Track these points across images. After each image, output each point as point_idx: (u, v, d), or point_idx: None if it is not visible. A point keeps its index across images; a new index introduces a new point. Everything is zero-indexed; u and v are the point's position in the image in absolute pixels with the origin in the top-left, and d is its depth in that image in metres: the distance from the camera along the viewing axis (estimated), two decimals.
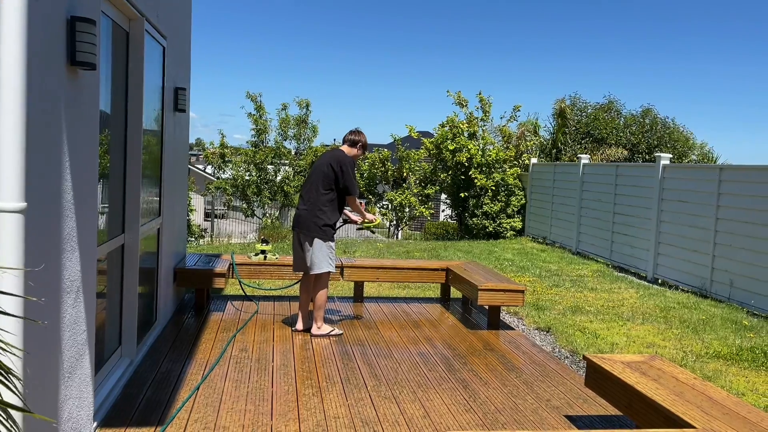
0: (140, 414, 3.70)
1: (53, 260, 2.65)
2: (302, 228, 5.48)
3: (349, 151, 5.66)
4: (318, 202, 5.44)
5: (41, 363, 2.54)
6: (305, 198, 5.55)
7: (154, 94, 4.99)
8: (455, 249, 12.47)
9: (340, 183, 5.45)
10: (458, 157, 15.73)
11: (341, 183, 5.45)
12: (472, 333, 5.88)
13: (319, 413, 3.82)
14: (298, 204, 5.67)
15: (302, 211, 5.51)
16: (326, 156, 5.67)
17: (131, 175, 4.36)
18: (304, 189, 5.63)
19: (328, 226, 5.47)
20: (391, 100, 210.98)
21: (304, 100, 20.13)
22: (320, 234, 5.42)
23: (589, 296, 8.19)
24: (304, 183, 5.73)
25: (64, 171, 2.74)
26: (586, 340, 5.99)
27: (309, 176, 5.64)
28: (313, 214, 5.43)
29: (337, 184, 5.46)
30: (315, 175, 5.54)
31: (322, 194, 5.44)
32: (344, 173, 5.44)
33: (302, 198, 5.61)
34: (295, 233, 5.60)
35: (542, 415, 4.00)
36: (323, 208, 5.44)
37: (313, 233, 5.42)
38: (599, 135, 19.78)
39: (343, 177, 5.44)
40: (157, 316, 5.40)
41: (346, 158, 5.54)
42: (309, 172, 5.74)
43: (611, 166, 12.19)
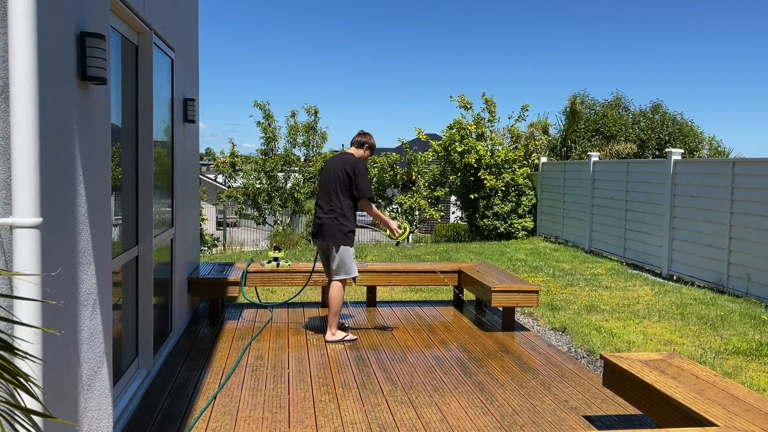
0: (159, 425, 3.71)
1: (69, 273, 2.67)
2: (327, 236, 5.47)
3: (357, 153, 5.65)
4: (341, 209, 5.44)
5: (60, 375, 2.56)
6: (325, 206, 5.52)
7: (163, 106, 5.02)
8: (467, 251, 12.44)
9: (354, 185, 5.44)
10: (467, 159, 15.71)
11: (355, 185, 5.43)
12: (486, 335, 5.86)
13: (336, 419, 3.82)
14: (316, 213, 5.63)
15: (325, 219, 5.49)
16: (337, 161, 5.62)
17: (143, 187, 4.38)
18: (321, 197, 5.58)
19: (352, 232, 5.50)
20: (399, 104, 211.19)
21: (313, 107, 20.21)
22: (345, 240, 5.45)
23: (603, 295, 8.14)
24: (319, 191, 5.68)
25: (77, 185, 2.77)
26: (602, 339, 5.95)
27: (323, 183, 5.60)
28: (338, 222, 5.44)
29: (351, 187, 5.45)
30: (331, 182, 5.50)
31: (343, 201, 5.44)
32: (357, 175, 5.43)
33: (320, 206, 5.56)
34: (319, 243, 5.62)
35: (560, 416, 3.98)
36: (346, 214, 5.46)
37: (338, 240, 5.44)
38: (608, 132, 19.69)
39: (356, 179, 5.43)
40: (172, 326, 5.42)
41: (357, 160, 5.53)
42: (320, 178, 5.72)
43: (622, 162, 12.13)
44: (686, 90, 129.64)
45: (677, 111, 21.01)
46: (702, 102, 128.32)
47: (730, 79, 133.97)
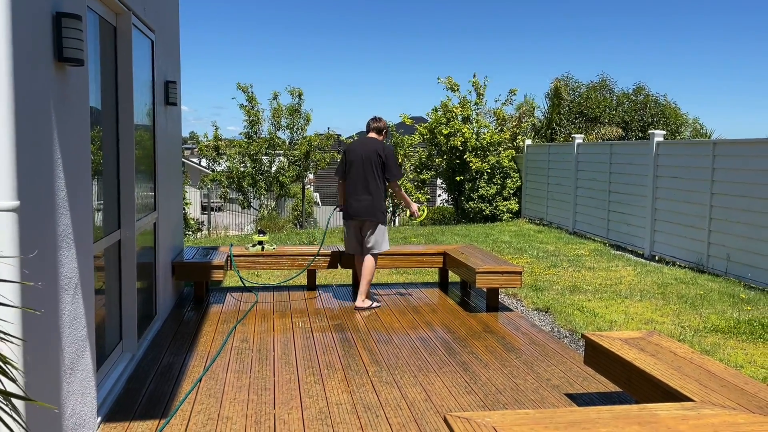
0: (144, 407, 3.72)
1: (49, 257, 2.65)
2: (368, 215, 5.98)
3: (379, 138, 6.13)
4: (379, 190, 5.99)
5: (42, 359, 2.55)
6: (361, 188, 5.97)
7: (144, 89, 4.97)
8: (452, 233, 12.49)
9: (386, 169, 5.98)
10: (453, 142, 15.71)
11: (387, 169, 5.98)
12: (471, 316, 5.91)
13: (321, 400, 3.85)
14: (356, 194, 6.00)
15: (364, 200, 5.97)
16: (366, 146, 6.03)
17: (125, 171, 4.35)
18: (356, 180, 5.99)
19: (386, 211, 6.14)
20: (385, 86, 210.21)
21: (297, 89, 20.01)
22: (382, 219, 6.06)
23: (586, 275, 8.23)
24: (349, 174, 6.04)
25: (56, 168, 2.74)
26: (584, 319, 6.03)
27: (356, 167, 5.99)
28: (378, 202, 5.98)
29: (384, 171, 5.98)
30: (366, 165, 5.96)
31: (379, 183, 5.97)
32: (389, 159, 5.98)
33: (359, 188, 5.98)
34: (355, 222, 6.06)
35: (543, 394, 4.03)
36: (382, 195, 6.02)
37: (377, 219, 6.01)
38: (593, 114, 19.77)
39: (389, 162, 5.98)
40: (156, 310, 5.41)
41: (387, 146, 6.06)
42: (348, 163, 6.04)
43: (605, 145, 12.20)
44: (670, 71, 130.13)
45: (660, 93, 21.13)
46: (685, 84, 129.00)
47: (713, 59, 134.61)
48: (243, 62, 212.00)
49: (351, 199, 6.04)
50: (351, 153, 6.06)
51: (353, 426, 3.50)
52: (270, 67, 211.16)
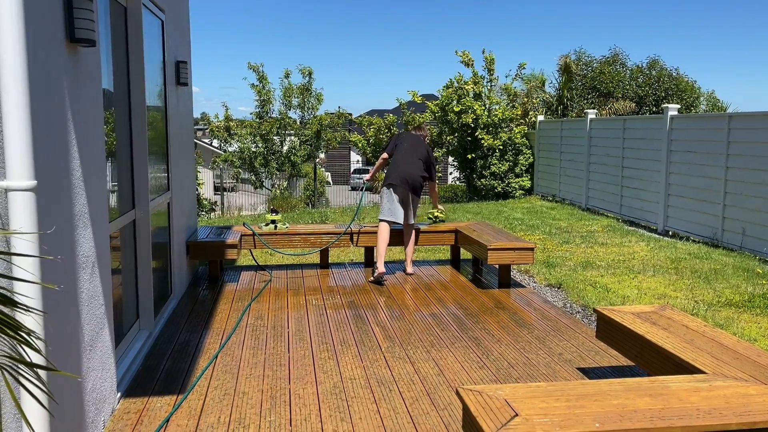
0: (161, 383, 3.79)
1: (66, 236, 2.70)
2: (415, 186, 6.48)
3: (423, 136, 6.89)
4: (421, 173, 6.53)
5: (63, 335, 2.61)
6: (414, 167, 6.48)
7: (155, 69, 4.98)
8: (464, 211, 12.48)
9: (430, 169, 6.60)
10: (464, 119, 15.63)
11: (430, 169, 6.61)
12: (483, 292, 5.94)
13: (335, 375, 3.90)
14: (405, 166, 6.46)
15: (416, 177, 6.47)
16: (416, 140, 6.70)
17: (138, 151, 4.38)
18: (408, 158, 6.50)
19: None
20: (395, 63, 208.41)
21: (307, 67, 19.95)
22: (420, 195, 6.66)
23: (599, 251, 8.21)
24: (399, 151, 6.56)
25: (71, 148, 2.77)
26: (597, 294, 6.03)
27: (407, 149, 6.55)
28: (421, 180, 6.52)
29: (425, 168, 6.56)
30: (417, 153, 6.54)
31: (422, 175, 6.53)
32: (432, 161, 6.66)
33: (407, 165, 6.45)
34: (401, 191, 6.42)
35: (555, 368, 4.07)
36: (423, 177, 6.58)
37: (419, 193, 6.59)
38: (605, 89, 19.57)
39: (432, 164, 6.66)
40: (172, 289, 5.49)
41: (431, 150, 6.76)
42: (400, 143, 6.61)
43: (618, 119, 12.08)
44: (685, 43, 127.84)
45: (674, 66, 20.81)
46: (701, 56, 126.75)
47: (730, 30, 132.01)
48: (253, 42, 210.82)
49: (401, 170, 6.48)
50: (403, 139, 6.69)
51: (367, 400, 3.56)
52: (280, 46, 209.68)
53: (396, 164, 6.56)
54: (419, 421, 3.31)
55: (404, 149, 6.61)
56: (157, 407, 3.46)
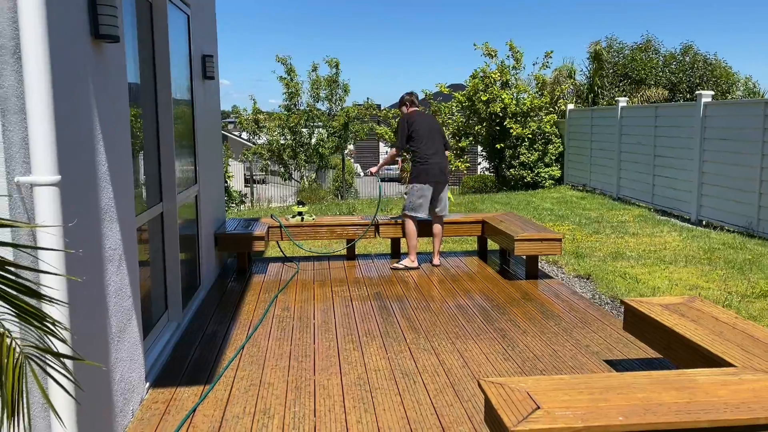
0: (189, 374, 3.86)
1: (93, 230, 2.75)
2: (447, 176, 6.47)
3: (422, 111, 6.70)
4: (446, 157, 6.51)
5: (90, 327, 2.67)
6: (440, 153, 6.41)
7: (181, 63, 5.03)
8: (492, 201, 12.39)
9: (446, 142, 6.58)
10: (492, 108, 15.48)
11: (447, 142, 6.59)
12: (510, 284, 5.89)
13: (359, 367, 3.92)
14: (431, 157, 6.35)
15: (444, 163, 6.44)
16: (433, 120, 6.61)
17: (164, 145, 4.44)
18: (432, 144, 6.37)
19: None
20: (422, 54, 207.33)
21: (334, 59, 19.96)
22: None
23: (630, 241, 8.08)
24: (423, 139, 6.36)
25: (96, 143, 2.82)
26: (626, 286, 5.94)
27: (429, 134, 6.38)
28: (448, 164, 6.51)
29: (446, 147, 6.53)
30: (437, 135, 6.45)
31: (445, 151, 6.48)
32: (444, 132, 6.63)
33: (433, 153, 6.36)
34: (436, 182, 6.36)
35: (581, 360, 4.02)
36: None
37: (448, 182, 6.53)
38: (637, 76, 19.16)
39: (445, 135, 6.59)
40: (200, 281, 5.56)
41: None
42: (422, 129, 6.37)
43: (650, 107, 11.84)
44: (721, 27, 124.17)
45: (709, 52, 20.26)
46: (737, 40, 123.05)
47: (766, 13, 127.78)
48: (281, 34, 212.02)
49: (435, 162, 6.36)
50: (417, 124, 6.39)
51: (391, 391, 3.56)
52: (307, 38, 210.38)
53: (428, 158, 6.32)
54: (443, 413, 3.30)
55: (426, 136, 6.34)
56: (184, 397, 3.52)
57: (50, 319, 1.72)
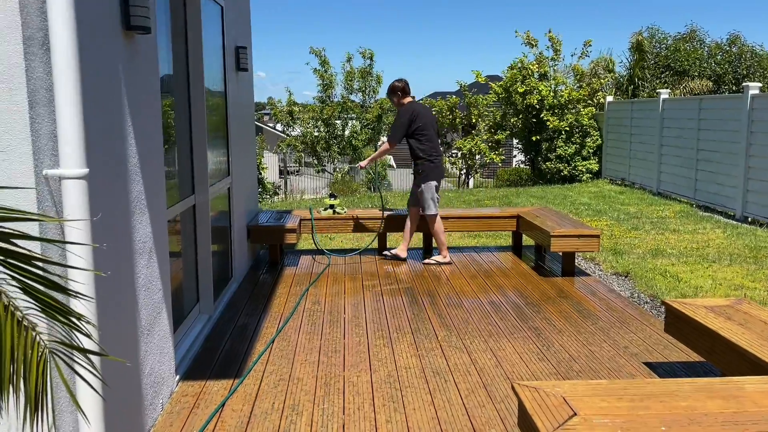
0: (219, 367, 3.85)
1: (122, 223, 2.74)
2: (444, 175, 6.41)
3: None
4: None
5: (119, 320, 2.66)
6: (438, 149, 6.30)
7: (214, 55, 5.02)
8: (528, 195, 12.19)
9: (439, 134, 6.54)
10: (529, 100, 15.22)
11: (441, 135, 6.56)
12: (545, 280, 5.75)
13: (390, 364, 3.86)
14: (438, 155, 6.27)
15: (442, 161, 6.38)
16: (427, 109, 6.35)
17: (197, 137, 4.43)
18: (433, 139, 6.23)
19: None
20: (456, 45, 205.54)
21: (368, 50, 19.87)
22: None
23: (671, 238, 7.83)
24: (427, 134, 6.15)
25: (127, 135, 2.80)
26: (667, 284, 5.75)
27: (429, 129, 6.17)
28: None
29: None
30: (434, 128, 6.27)
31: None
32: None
33: (434, 149, 6.23)
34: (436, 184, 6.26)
35: (619, 362, 3.88)
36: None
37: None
38: (680, 67, 18.62)
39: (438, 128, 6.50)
40: (232, 273, 5.57)
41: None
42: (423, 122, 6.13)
43: (694, 99, 11.46)
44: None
45: (757, 43, 19.56)
46: None
47: None
48: (316, 25, 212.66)
49: (436, 161, 6.25)
50: (420, 117, 6.16)
51: (421, 390, 3.49)
52: (342, 31, 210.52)
53: (437, 154, 6.23)
54: (474, 414, 3.22)
55: (429, 131, 6.14)
56: (213, 391, 3.51)
57: (76, 314, 1.70)
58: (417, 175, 6.27)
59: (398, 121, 6.21)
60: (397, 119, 6.24)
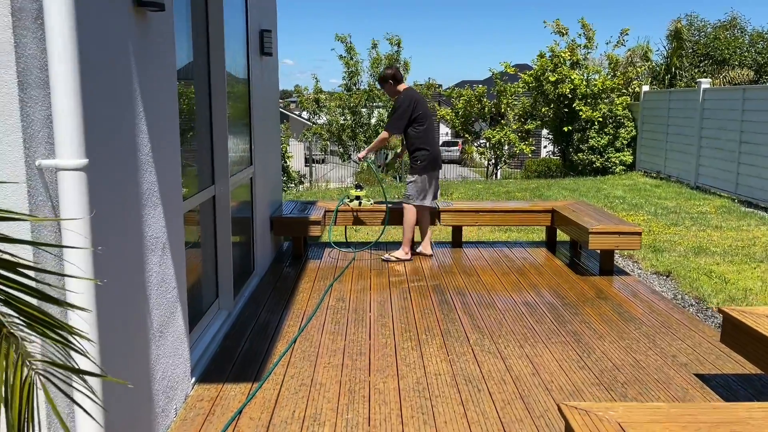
0: (238, 368, 3.63)
1: (132, 217, 2.51)
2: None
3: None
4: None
5: (124, 325, 2.44)
6: (437, 140, 6.13)
7: (237, 39, 4.78)
8: (559, 187, 11.80)
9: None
10: (560, 89, 14.76)
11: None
12: (582, 279, 5.43)
13: (418, 369, 3.60)
14: (433, 144, 5.97)
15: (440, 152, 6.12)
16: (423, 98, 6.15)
17: (217, 125, 4.20)
18: (433, 129, 6.04)
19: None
20: (487, 33, 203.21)
21: (395, 36, 19.46)
22: None
23: (713, 235, 7.44)
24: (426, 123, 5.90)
25: (137, 122, 2.57)
26: (713, 286, 5.39)
27: (429, 118, 5.95)
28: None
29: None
30: (431, 117, 6.04)
31: None
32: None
33: (434, 138, 6.01)
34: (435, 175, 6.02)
35: (668, 373, 3.57)
36: None
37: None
38: (720, 56, 17.93)
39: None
40: (254, 266, 5.36)
41: None
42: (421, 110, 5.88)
43: (737, 89, 10.94)
44: None
45: None
46: None
47: None
48: (344, 12, 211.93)
49: (436, 151, 6.00)
50: (420, 105, 5.90)
51: (453, 400, 3.23)
52: (369, 17, 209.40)
53: (434, 144, 5.98)
54: (511, 430, 2.95)
55: (428, 120, 5.91)
56: (230, 395, 3.29)
57: (68, 329, 1.46)
58: (414, 166, 5.93)
59: (398, 109, 5.87)
60: (397, 107, 5.89)
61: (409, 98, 5.86)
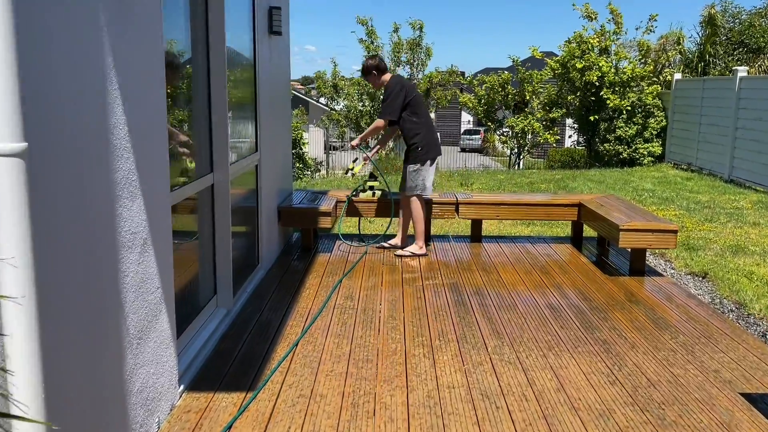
0: (232, 374, 3.31)
1: (100, 212, 2.19)
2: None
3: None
4: None
5: (87, 333, 2.12)
6: (433, 125, 5.80)
7: (242, 14, 4.43)
8: (585, 179, 11.33)
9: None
10: (587, 76, 14.22)
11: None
12: (610, 279, 5.03)
13: (430, 380, 3.25)
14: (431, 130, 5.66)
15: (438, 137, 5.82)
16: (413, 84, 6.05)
17: (217, 107, 3.87)
18: (428, 114, 5.72)
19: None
20: (509, 20, 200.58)
21: (418, 21, 19.00)
22: None
23: (751, 233, 6.96)
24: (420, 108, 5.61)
25: (110, 101, 2.24)
26: (755, 290, 4.96)
27: (422, 105, 5.69)
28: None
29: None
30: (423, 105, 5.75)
31: None
32: None
33: (431, 125, 5.70)
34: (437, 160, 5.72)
35: (710, 391, 3.18)
36: None
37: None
38: (755, 44, 17.19)
39: None
40: (259, 259, 5.04)
41: None
42: (416, 97, 5.61)
43: None
44: None
45: None
46: None
47: None
48: None
49: (434, 138, 5.66)
50: (411, 90, 5.59)
51: (468, 419, 2.88)
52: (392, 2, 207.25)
53: (433, 130, 5.67)
54: None
55: (421, 106, 5.63)
56: (221, 407, 2.97)
57: None
58: (414, 153, 5.52)
59: (390, 95, 5.49)
60: (389, 94, 5.51)
61: (399, 83, 5.54)
